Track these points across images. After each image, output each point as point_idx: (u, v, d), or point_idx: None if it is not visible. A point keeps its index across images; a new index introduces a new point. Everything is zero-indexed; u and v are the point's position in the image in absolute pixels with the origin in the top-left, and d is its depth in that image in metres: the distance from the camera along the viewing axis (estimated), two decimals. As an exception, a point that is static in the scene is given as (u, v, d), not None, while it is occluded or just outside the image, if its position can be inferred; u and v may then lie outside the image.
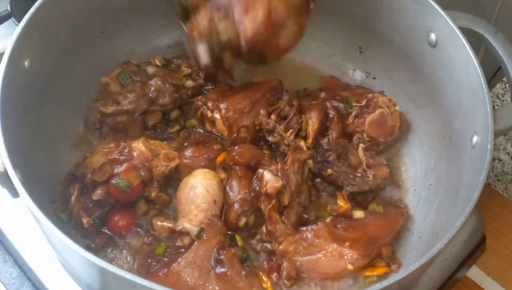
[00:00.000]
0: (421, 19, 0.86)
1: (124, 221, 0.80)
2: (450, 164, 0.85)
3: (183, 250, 0.75)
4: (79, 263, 0.67)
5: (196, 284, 0.71)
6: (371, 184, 0.85)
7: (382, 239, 0.80)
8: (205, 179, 0.80)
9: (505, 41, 0.83)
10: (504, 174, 1.01)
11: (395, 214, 0.84)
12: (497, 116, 0.76)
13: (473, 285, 0.89)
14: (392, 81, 0.98)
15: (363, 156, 0.86)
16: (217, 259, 0.74)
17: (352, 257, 0.76)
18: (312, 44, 1.02)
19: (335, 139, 0.86)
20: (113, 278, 0.60)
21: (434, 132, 0.90)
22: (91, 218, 0.77)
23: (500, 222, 0.95)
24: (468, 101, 0.81)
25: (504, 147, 1.02)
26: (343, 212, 0.82)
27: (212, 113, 0.86)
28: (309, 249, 0.76)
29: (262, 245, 0.78)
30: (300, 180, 0.82)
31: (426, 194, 0.88)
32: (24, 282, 0.81)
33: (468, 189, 0.71)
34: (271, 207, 0.76)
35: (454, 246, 0.84)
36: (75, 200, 0.78)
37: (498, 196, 0.98)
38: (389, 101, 0.88)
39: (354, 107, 0.89)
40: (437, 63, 0.87)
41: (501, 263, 0.91)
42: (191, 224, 0.77)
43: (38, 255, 0.82)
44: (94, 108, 0.87)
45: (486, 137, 0.73)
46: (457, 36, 0.81)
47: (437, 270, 0.83)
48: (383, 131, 0.87)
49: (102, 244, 0.78)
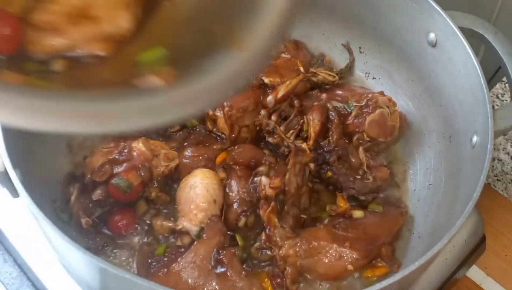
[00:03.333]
0: (421, 19, 0.86)
1: (124, 221, 0.80)
2: (450, 164, 0.85)
3: (183, 250, 0.75)
4: (79, 263, 0.67)
5: (196, 284, 0.71)
6: (370, 186, 0.85)
7: (382, 239, 0.80)
8: (205, 178, 0.80)
9: (505, 41, 0.83)
10: (504, 174, 1.01)
11: (395, 214, 0.84)
12: (497, 116, 0.76)
13: (473, 285, 0.89)
14: (392, 81, 0.98)
15: (363, 157, 0.86)
16: (217, 259, 0.73)
17: (352, 258, 0.76)
18: (312, 44, 1.02)
19: (335, 141, 0.86)
20: (113, 278, 0.60)
21: (434, 132, 0.90)
22: (91, 218, 0.77)
23: (500, 222, 0.95)
24: (468, 101, 0.81)
25: (504, 147, 1.03)
26: (342, 212, 0.82)
27: (214, 110, 0.86)
28: (310, 251, 0.76)
29: (262, 253, 0.78)
30: (301, 182, 0.81)
31: (426, 194, 0.88)
32: (24, 282, 0.81)
33: (468, 189, 0.71)
34: (271, 210, 0.76)
35: (454, 246, 0.84)
36: (75, 200, 0.78)
37: (498, 196, 0.98)
38: (389, 101, 0.88)
39: (354, 107, 0.89)
40: (437, 63, 0.87)
41: (501, 263, 0.91)
42: (191, 223, 0.77)
43: (38, 255, 0.82)
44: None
45: (486, 137, 0.74)
46: (457, 36, 0.81)
47: (437, 270, 0.83)
48: (383, 131, 0.87)
49: (102, 244, 0.78)
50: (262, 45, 0.46)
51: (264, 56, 0.47)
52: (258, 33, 0.46)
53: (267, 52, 0.47)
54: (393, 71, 0.97)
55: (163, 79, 0.42)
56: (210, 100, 0.44)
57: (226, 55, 0.45)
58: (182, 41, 0.49)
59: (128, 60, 0.48)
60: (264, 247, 0.77)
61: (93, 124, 0.39)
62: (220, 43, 0.46)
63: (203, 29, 0.49)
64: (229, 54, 0.45)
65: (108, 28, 0.48)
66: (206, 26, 0.49)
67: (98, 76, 0.46)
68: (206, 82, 0.43)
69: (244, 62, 0.44)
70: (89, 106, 0.39)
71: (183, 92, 0.42)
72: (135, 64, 0.46)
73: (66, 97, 0.40)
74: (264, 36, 0.46)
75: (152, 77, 0.42)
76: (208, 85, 0.43)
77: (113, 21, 0.48)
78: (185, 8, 0.51)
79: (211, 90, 0.43)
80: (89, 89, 0.43)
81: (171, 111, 0.41)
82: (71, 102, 0.39)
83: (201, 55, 0.46)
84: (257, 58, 0.46)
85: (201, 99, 0.42)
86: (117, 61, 0.48)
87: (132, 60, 0.47)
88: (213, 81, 0.43)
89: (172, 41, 0.49)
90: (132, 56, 0.47)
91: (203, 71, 0.44)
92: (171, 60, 0.46)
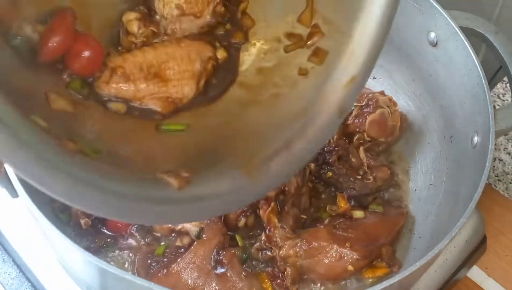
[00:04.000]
0: (421, 18, 0.86)
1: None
2: (451, 164, 0.85)
3: (182, 250, 0.75)
4: (79, 264, 0.67)
5: (196, 285, 0.71)
6: (371, 187, 0.85)
7: (382, 239, 0.80)
8: (205, 179, 0.79)
9: (506, 41, 0.83)
10: (505, 174, 1.01)
11: (396, 214, 0.84)
12: (498, 116, 0.75)
13: (474, 286, 0.89)
14: (392, 81, 0.98)
15: (364, 157, 0.85)
16: (217, 259, 0.73)
17: (353, 258, 0.76)
18: (312, 44, 1.01)
19: (335, 141, 0.86)
20: (113, 278, 0.60)
21: (434, 132, 0.90)
22: (90, 219, 0.77)
23: (501, 222, 0.95)
24: (468, 101, 0.80)
25: (505, 147, 1.02)
26: (342, 212, 0.82)
27: None
28: (310, 252, 0.76)
29: (262, 253, 0.78)
30: (301, 182, 0.81)
31: (426, 194, 0.88)
32: (23, 282, 0.80)
33: (469, 189, 0.71)
34: (270, 211, 0.76)
35: (454, 247, 0.84)
36: (75, 200, 0.77)
37: (499, 196, 0.98)
38: (389, 100, 0.88)
39: (354, 107, 0.88)
40: (438, 63, 0.87)
41: (501, 264, 0.91)
42: (191, 223, 0.77)
43: (37, 256, 0.82)
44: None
45: (487, 137, 0.73)
46: (457, 35, 0.81)
47: (438, 270, 0.83)
48: (383, 131, 0.87)
49: (102, 244, 0.78)
50: (269, 181, 0.49)
51: (266, 189, 0.51)
52: (267, 168, 0.50)
53: (270, 187, 0.50)
54: (394, 71, 0.97)
55: (178, 182, 0.46)
56: (201, 216, 0.49)
57: (233, 176, 0.48)
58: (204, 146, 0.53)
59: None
60: (264, 247, 0.77)
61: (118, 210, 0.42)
62: (232, 166, 0.49)
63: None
64: (236, 177, 0.48)
65: (173, 92, 0.52)
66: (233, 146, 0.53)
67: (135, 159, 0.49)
68: (209, 192, 0.46)
69: (245, 189, 0.48)
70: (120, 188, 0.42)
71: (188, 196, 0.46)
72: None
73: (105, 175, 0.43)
74: (272, 174, 0.50)
75: (171, 178, 0.45)
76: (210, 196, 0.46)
77: (181, 87, 0.52)
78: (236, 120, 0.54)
79: (208, 205, 0.46)
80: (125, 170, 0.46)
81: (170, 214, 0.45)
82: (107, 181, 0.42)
83: (213, 170, 0.49)
84: (260, 189, 0.49)
85: (196, 212, 0.46)
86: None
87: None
88: (212, 198, 0.46)
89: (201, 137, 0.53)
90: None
91: (209, 183, 0.47)
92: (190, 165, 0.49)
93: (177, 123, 0.52)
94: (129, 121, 0.51)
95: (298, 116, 0.52)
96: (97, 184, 0.41)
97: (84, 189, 0.40)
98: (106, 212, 0.42)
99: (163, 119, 0.52)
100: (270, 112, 0.54)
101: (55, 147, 0.41)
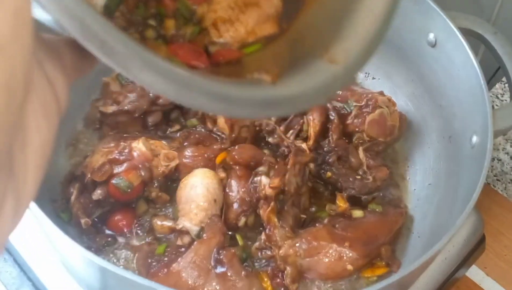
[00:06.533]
0: (420, 19, 0.86)
1: (124, 221, 0.80)
2: (450, 164, 0.85)
3: (183, 249, 0.76)
4: (80, 263, 0.68)
5: (196, 284, 0.72)
6: (370, 186, 0.85)
7: (382, 239, 0.80)
8: (206, 178, 0.80)
9: (504, 42, 0.83)
10: (503, 174, 1.01)
11: (395, 214, 0.84)
12: (496, 116, 0.76)
13: (473, 285, 0.89)
14: (392, 81, 0.98)
15: (363, 157, 0.86)
16: (217, 259, 0.74)
17: (352, 257, 0.76)
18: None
19: (335, 141, 0.86)
20: (113, 277, 0.60)
21: (433, 132, 0.91)
22: (91, 218, 0.77)
23: (500, 222, 0.95)
24: (467, 101, 0.81)
25: (503, 147, 1.03)
26: (342, 212, 0.82)
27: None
28: (310, 251, 0.76)
29: (262, 253, 0.78)
30: (300, 182, 0.82)
31: (425, 193, 0.88)
32: (24, 281, 0.81)
33: (468, 189, 0.71)
34: (270, 210, 0.76)
35: (453, 246, 0.84)
36: (75, 200, 0.78)
37: (497, 196, 0.98)
38: (388, 100, 0.88)
39: (353, 107, 0.89)
40: (437, 63, 0.87)
41: (500, 263, 0.91)
42: (191, 223, 0.77)
43: (38, 255, 0.82)
44: (95, 108, 0.88)
45: (485, 137, 0.74)
46: (456, 36, 0.81)
47: (437, 269, 0.83)
48: (383, 130, 0.87)
49: (102, 243, 0.78)
50: (355, 63, 0.49)
51: (355, 72, 0.50)
52: (351, 51, 0.49)
53: (358, 69, 0.49)
54: (393, 71, 0.97)
55: (271, 76, 0.45)
56: (301, 106, 0.47)
57: (321, 67, 0.47)
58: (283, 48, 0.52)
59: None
60: (264, 247, 0.77)
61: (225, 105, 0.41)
62: (314, 56, 0.48)
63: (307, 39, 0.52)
64: (323, 67, 0.47)
65: (268, 9, 0.52)
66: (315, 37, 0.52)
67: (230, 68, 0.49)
68: (301, 88, 0.45)
69: (335, 77, 0.47)
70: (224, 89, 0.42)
71: (283, 92, 0.45)
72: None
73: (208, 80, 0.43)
74: (357, 54, 0.49)
75: (262, 73, 0.45)
76: (303, 92, 0.45)
77: (270, 1, 0.52)
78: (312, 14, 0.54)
79: (305, 96, 0.45)
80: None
81: (271, 107, 0.44)
82: (212, 83, 0.42)
83: (298, 63, 0.49)
84: (348, 74, 0.48)
85: (295, 103, 0.45)
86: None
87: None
88: (307, 89, 0.45)
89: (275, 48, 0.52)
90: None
91: (299, 79, 0.47)
92: (274, 61, 0.49)
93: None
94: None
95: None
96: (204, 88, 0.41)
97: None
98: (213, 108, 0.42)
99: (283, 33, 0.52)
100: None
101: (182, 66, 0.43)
